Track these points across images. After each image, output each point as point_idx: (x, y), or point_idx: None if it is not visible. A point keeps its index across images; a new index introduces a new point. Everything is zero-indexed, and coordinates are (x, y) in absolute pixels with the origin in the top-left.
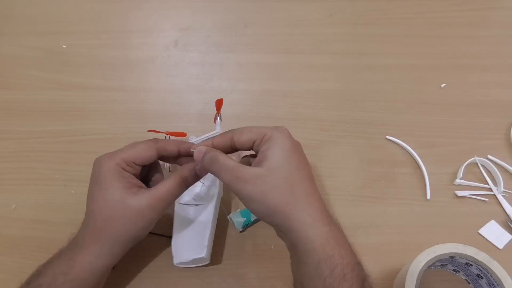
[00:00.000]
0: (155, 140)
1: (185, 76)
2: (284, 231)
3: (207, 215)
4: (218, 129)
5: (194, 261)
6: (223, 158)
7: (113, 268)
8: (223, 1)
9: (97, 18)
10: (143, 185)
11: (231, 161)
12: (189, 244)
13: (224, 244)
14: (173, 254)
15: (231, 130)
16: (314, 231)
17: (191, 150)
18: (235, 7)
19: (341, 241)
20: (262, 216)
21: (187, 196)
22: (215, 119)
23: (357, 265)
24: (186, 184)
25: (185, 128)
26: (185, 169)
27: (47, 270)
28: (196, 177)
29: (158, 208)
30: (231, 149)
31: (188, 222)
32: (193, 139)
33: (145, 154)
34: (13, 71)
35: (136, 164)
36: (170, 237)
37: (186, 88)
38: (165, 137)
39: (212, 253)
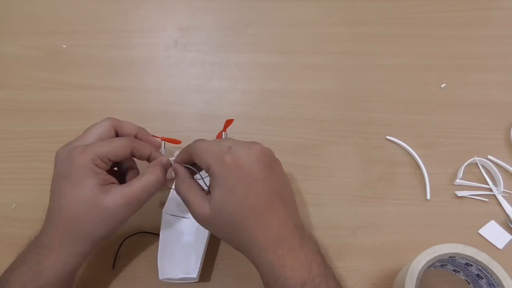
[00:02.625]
0: (132, 140)
1: (185, 76)
2: None
3: (199, 231)
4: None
5: (182, 279)
6: (183, 190)
7: (113, 267)
8: (223, 1)
9: (97, 18)
10: (116, 181)
11: (189, 194)
12: (178, 260)
13: (223, 245)
14: (159, 267)
15: (191, 147)
16: (260, 260)
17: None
18: (235, 7)
19: (289, 262)
20: None
21: (175, 206)
22: (220, 135)
23: (311, 281)
24: (161, 182)
25: (185, 128)
26: (160, 167)
27: (14, 278)
28: (164, 171)
29: (132, 207)
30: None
31: (177, 235)
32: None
33: (121, 152)
34: (13, 71)
35: (110, 160)
36: None
37: (186, 88)
38: (161, 143)
39: (210, 254)
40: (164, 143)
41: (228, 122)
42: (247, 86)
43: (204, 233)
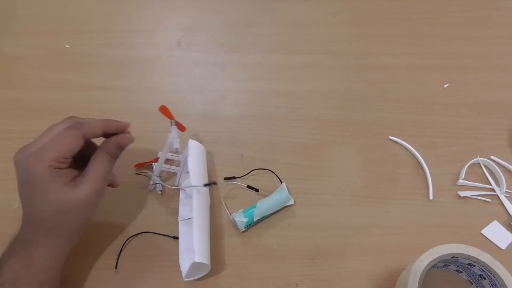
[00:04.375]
0: (78, 126)
1: (188, 75)
2: None
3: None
4: (174, 135)
5: (192, 267)
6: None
7: (116, 267)
8: (226, 1)
9: (100, 17)
10: (77, 172)
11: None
12: (185, 254)
13: (226, 244)
14: (181, 269)
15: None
16: None
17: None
18: (238, 7)
19: None
20: None
21: (184, 210)
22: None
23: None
24: (114, 158)
25: (188, 128)
26: (110, 144)
27: (5, 267)
28: (121, 148)
29: (101, 190)
30: None
31: (185, 236)
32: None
33: (73, 146)
34: (16, 71)
35: (67, 158)
36: (172, 237)
37: (189, 87)
38: (152, 165)
39: (214, 254)
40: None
41: (164, 110)
42: (250, 86)
43: (195, 221)
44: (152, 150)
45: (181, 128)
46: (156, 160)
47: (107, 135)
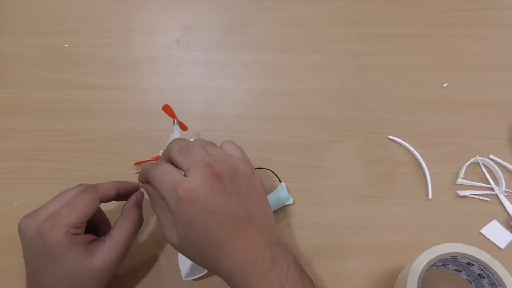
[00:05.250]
0: (93, 189)
1: (187, 75)
2: None
3: None
4: (177, 134)
5: (194, 268)
6: (157, 212)
7: None
8: (226, 1)
9: (99, 17)
10: (93, 236)
11: (161, 217)
12: None
13: None
14: (180, 269)
15: (148, 173)
16: (231, 285)
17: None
18: (237, 6)
19: (260, 287)
20: None
21: None
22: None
23: None
24: (139, 220)
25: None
26: (129, 206)
27: None
28: (139, 207)
29: (122, 258)
30: None
31: None
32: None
33: (90, 209)
34: (15, 70)
35: (82, 223)
36: None
37: (188, 87)
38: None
39: None
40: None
41: (167, 109)
42: (249, 85)
43: None
44: (151, 149)
45: (183, 127)
46: (157, 158)
47: (119, 196)
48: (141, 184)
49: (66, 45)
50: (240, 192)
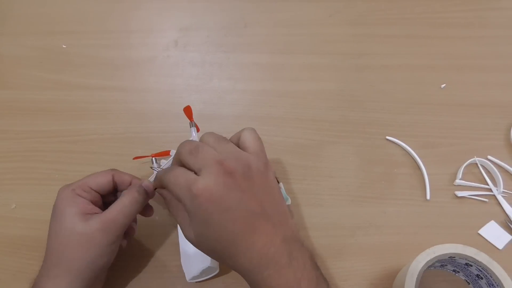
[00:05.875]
0: (113, 169)
1: (185, 76)
2: None
3: None
4: (194, 136)
5: (203, 272)
6: (173, 212)
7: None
8: (223, 1)
9: (97, 18)
10: (100, 211)
11: (178, 217)
12: (197, 258)
13: None
14: (184, 271)
15: (163, 179)
16: (248, 281)
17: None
18: (235, 7)
19: (276, 283)
20: None
21: None
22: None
23: None
24: (139, 202)
25: (185, 128)
26: (135, 188)
27: None
28: (148, 196)
29: (111, 231)
30: None
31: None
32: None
33: (101, 179)
34: (13, 71)
35: (92, 189)
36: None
37: (186, 88)
38: (152, 159)
39: None
40: (155, 159)
41: (187, 110)
42: (247, 86)
43: None
44: (149, 150)
45: (198, 130)
46: (156, 155)
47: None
48: (156, 188)
49: (63, 46)
50: (254, 188)
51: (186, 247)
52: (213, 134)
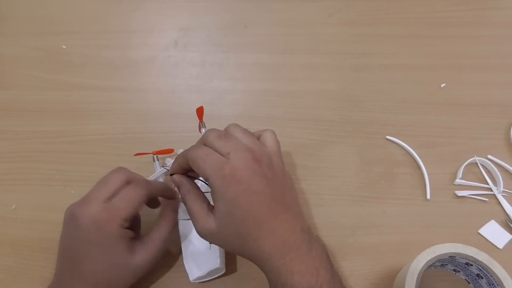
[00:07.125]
0: (145, 186)
1: (185, 76)
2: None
3: None
4: None
5: (210, 273)
6: (190, 202)
7: None
8: (223, 2)
9: (97, 18)
10: (132, 233)
11: (195, 206)
12: (202, 258)
13: None
14: (188, 271)
15: (188, 155)
16: (268, 267)
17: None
18: (235, 7)
19: (296, 269)
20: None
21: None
22: (199, 128)
23: (320, 286)
24: (176, 221)
25: (185, 128)
26: (171, 214)
27: None
28: (176, 214)
29: (158, 258)
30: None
31: (194, 236)
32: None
33: (140, 205)
34: (13, 71)
35: (132, 217)
36: None
37: (186, 88)
38: (153, 157)
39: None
40: (156, 156)
41: (200, 111)
42: (247, 86)
43: None
44: (149, 150)
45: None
46: (157, 152)
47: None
48: (171, 174)
49: (63, 47)
50: (276, 180)
51: (192, 247)
52: (239, 126)
